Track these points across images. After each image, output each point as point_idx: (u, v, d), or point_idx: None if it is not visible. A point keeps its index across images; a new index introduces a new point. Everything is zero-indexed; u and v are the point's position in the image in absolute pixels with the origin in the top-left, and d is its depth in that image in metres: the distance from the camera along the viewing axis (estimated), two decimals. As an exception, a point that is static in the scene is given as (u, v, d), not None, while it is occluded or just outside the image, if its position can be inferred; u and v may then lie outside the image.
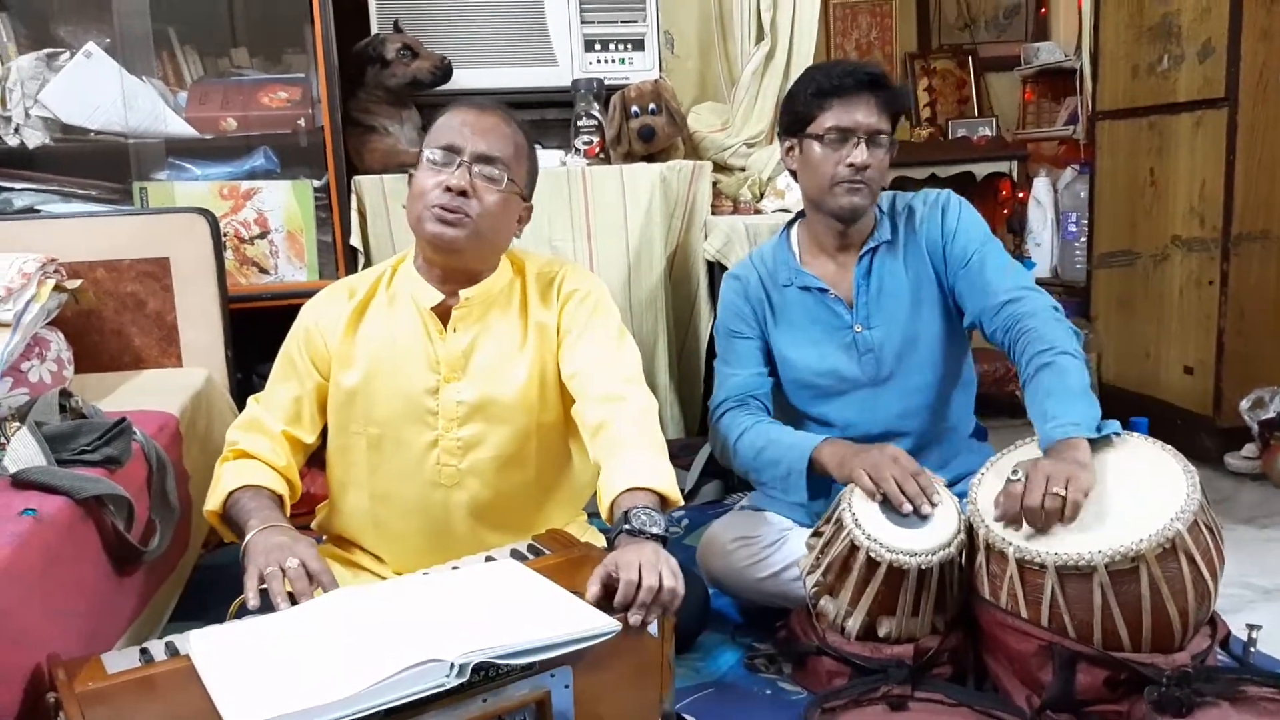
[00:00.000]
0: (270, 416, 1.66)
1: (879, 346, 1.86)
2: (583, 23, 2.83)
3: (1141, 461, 1.56)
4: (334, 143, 2.53)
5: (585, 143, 2.73)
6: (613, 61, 2.86)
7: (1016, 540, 1.51)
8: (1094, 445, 1.57)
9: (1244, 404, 2.74)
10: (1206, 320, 2.84)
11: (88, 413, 1.66)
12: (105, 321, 2.25)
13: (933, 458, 1.86)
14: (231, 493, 1.56)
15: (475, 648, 1.10)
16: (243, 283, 2.56)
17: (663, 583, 1.28)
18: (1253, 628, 1.68)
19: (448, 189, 1.56)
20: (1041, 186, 4.06)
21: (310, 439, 1.69)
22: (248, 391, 1.89)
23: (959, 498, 1.68)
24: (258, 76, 2.69)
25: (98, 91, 2.47)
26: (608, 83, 2.80)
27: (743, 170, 2.96)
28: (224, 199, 2.55)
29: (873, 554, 1.57)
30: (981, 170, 4.37)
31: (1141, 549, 1.42)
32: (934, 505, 1.63)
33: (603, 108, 2.76)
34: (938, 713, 1.55)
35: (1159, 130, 3.00)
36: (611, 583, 1.30)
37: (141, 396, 2.00)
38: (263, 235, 2.58)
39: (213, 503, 1.57)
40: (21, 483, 1.38)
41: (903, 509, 1.61)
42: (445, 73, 2.68)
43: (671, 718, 1.37)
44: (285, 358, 1.70)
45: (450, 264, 1.63)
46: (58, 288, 2.00)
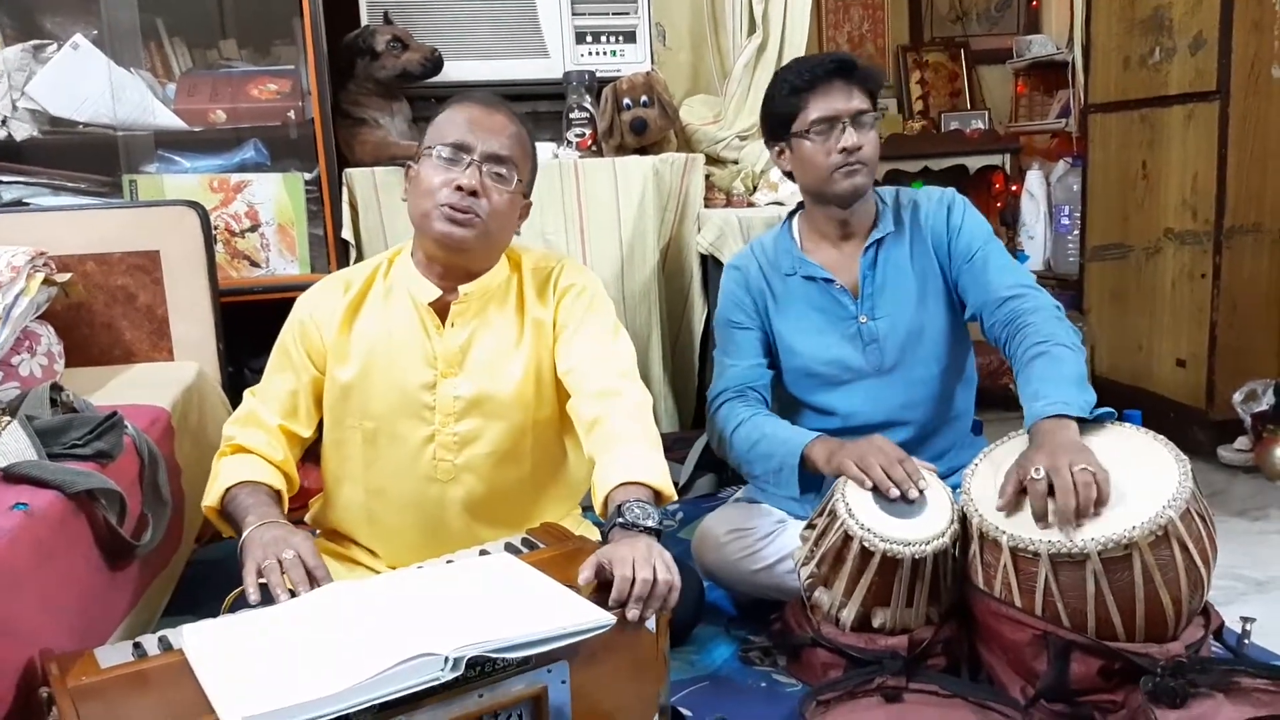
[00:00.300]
0: (266, 410, 1.65)
1: (883, 337, 1.87)
2: (574, 15, 2.83)
3: (1133, 450, 1.57)
4: (324, 135, 2.52)
5: (577, 135, 2.73)
6: (604, 54, 2.86)
7: (1010, 528, 1.51)
8: (1084, 432, 1.57)
9: (1236, 396, 2.75)
10: (1199, 313, 2.85)
11: (79, 407, 1.65)
12: (95, 315, 2.24)
13: (932, 449, 1.87)
14: (229, 489, 1.56)
15: (470, 641, 1.10)
16: (234, 276, 2.54)
17: (657, 577, 1.28)
18: (1246, 620, 1.69)
19: (458, 188, 1.55)
20: (1034, 179, 4.07)
21: (307, 433, 1.69)
22: (239, 385, 1.88)
23: (953, 489, 1.68)
24: (247, 68, 2.68)
25: (85, 83, 2.45)
26: (599, 75, 2.79)
27: (735, 163, 2.95)
28: (214, 192, 2.54)
29: (866, 544, 1.57)
30: (974, 163, 4.38)
31: (1134, 536, 1.42)
32: (920, 490, 1.63)
33: (594, 100, 2.75)
34: (932, 704, 1.55)
35: (1151, 123, 3.00)
36: (604, 571, 1.30)
37: (133, 390, 1.99)
38: (253, 228, 2.56)
39: (211, 498, 1.58)
40: (12, 477, 1.37)
41: (890, 494, 1.62)
42: (436, 65, 2.67)
43: (667, 711, 1.37)
44: (280, 350, 1.69)
45: (455, 262, 1.62)
46: (47, 281, 1.99)
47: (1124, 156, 3.13)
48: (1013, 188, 4.31)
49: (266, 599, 1.33)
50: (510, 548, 1.52)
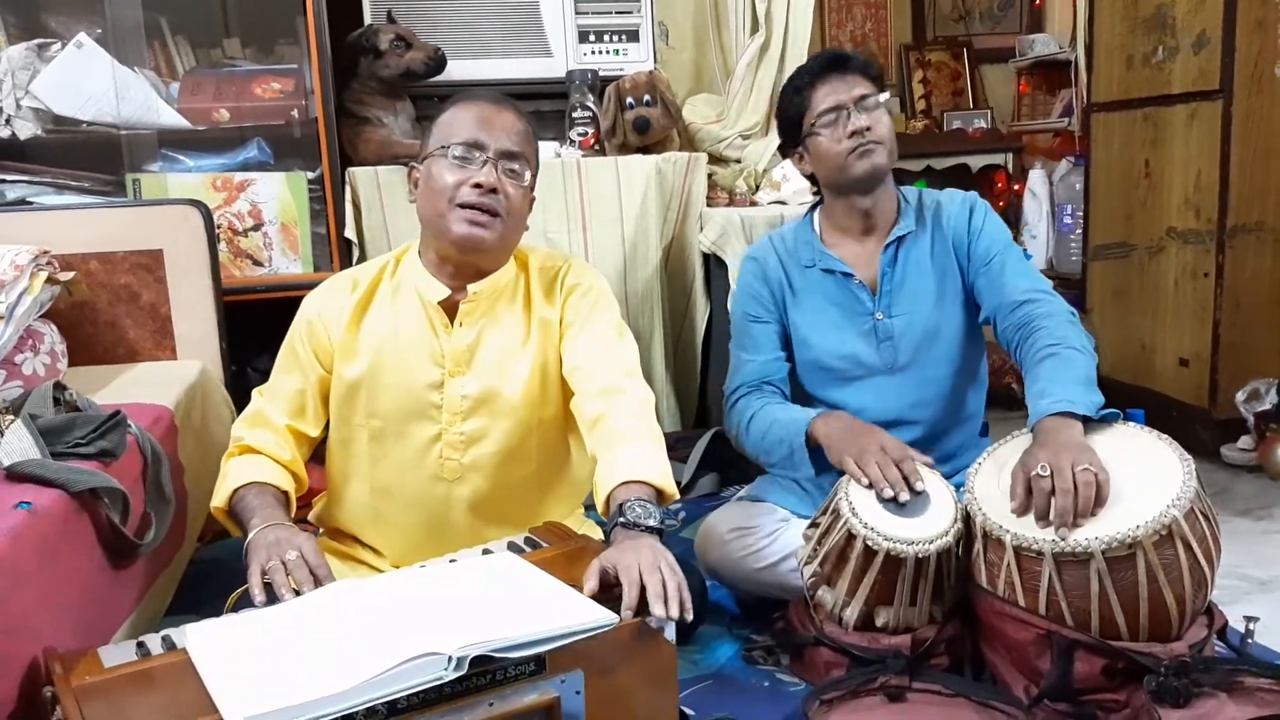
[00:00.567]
0: (274, 410, 1.66)
1: (898, 335, 1.88)
2: (577, 14, 2.83)
3: (1137, 449, 1.56)
4: (328, 134, 2.52)
5: (580, 134, 2.72)
6: (607, 53, 2.86)
7: (1013, 527, 1.51)
8: (1088, 431, 1.57)
9: (1240, 396, 2.74)
10: (1202, 312, 2.84)
11: (82, 405, 1.65)
12: (99, 314, 2.24)
13: (941, 450, 1.87)
14: (236, 490, 1.57)
15: (473, 641, 1.10)
16: (237, 275, 2.55)
17: (665, 580, 1.27)
18: (1250, 619, 1.69)
19: (477, 185, 1.55)
20: (1037, 179, 4.06)
21: (314, 432, 1.69)
22: (242, 384, 1.88)
23: (958, 488, 1.68)
24: (250, 67, 2.68)
25: (89, 82, 2.45)
26: (602, 74, 2.79)
27: (738, 162, 2.95)
28: (217, 190, 2.54)
29: (870, 543, 1.57)
30: (977, 162, 4.38)
31: (1138, 535, 1.42)
32: (916, 491, 1.63)
33: (597, 99, 2.75)
34: (936, 703, 1.55)
35: (1154, 122, 3.00)
36: (607, 578, 1.29)
37: (136, 389, 1.99)
38: (257, 227, 2.57)
39: (219, 499, 1.59)
40: (16, 475, 1.37)
41: (884, 493, 1.62)
42: (439, 64, 2.67)
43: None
44: (288, 350, 1.69)
45: (471, 261, 1.62)
46: (50, 280, 1.99)
47: (1127, 155, 3.13)
48: (1015, 187, 4.31)
49: (271, 600, 1.33)
50: (513, 547, 1.52)
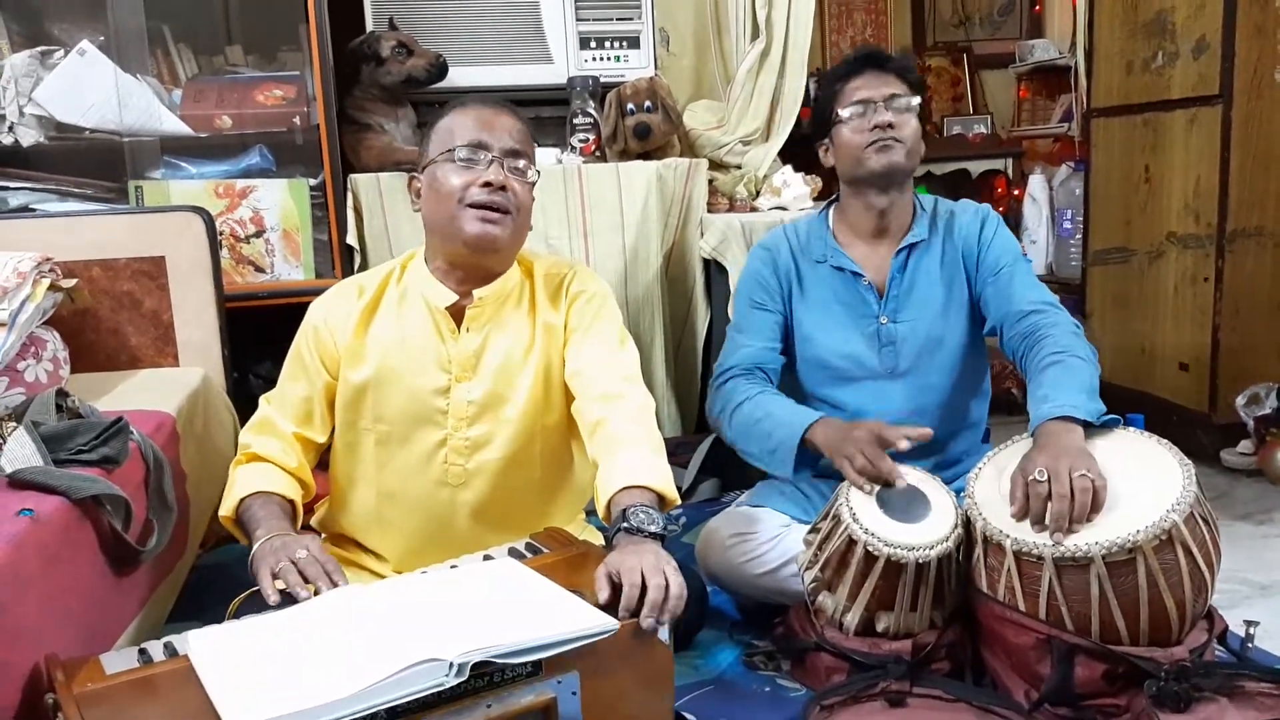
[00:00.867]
0: (281, 417, 1.67)
1: (901, 341, 1.88)
2: (578, 20, 2.83)
3: (1137, 454, 1.57)
4: (329, 141, 2.52)
5: (581, 140, 2.73)
6: (608, 59, 2.86)
7: (1014, 532, 1.51)
8: (1088, 436, 1.58)
9: (1240, 400, 2.74)
10: (1202, 316, 2.84)
11: (84, 412, 1.65)
12: (101, 321, 2.24)
13: (941, 457, 1.88)
14: (243, 499, 1.57)
15: (474, 647, 1.10)
16: (239, 281, 2.55)
17: (669, 584, 1.28)
18: (1250, 624, 1.69)
19: (486, 184, 1.56)
20: (1037, 184, 4.06)
21: (321, 438, 1.70)
22: (245, 390, 1.89)
23: (958, 493, 1.69)
24: (252, 74, 2.69)
25: (92, 89, 2.46)
26: (603, 80, 2.80)
27: (739, 168, 2.96)
28: (219, 197, 2.54)
29: (870, 548, 1.57)
30: (977, 168, 4.39)
31: (1138, 540, 1.42)
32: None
33: (598, 105, 2.76)
34: (936, 709, 1.55)
35: (1154, 127, 3.00)
36: (614, 582, 1.29)
37: (138, 396, 1.99)
38: (258, 234, 2.57)
39: (226, 508, 1.60)
40: (18, 483, 1.38)
41: (863, 489, 1.64)
42: (441, 70, 2.67)
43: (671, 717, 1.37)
44: (295, 356, 1.70)
45: (481, 263, 1.63)
46: (53, 287, 1.99)
47: (1126, 160, 3.13)
48: (1015, 192, 4.31)
49: (286, 600, 1.34)
50: (514, 552, 1.52)
